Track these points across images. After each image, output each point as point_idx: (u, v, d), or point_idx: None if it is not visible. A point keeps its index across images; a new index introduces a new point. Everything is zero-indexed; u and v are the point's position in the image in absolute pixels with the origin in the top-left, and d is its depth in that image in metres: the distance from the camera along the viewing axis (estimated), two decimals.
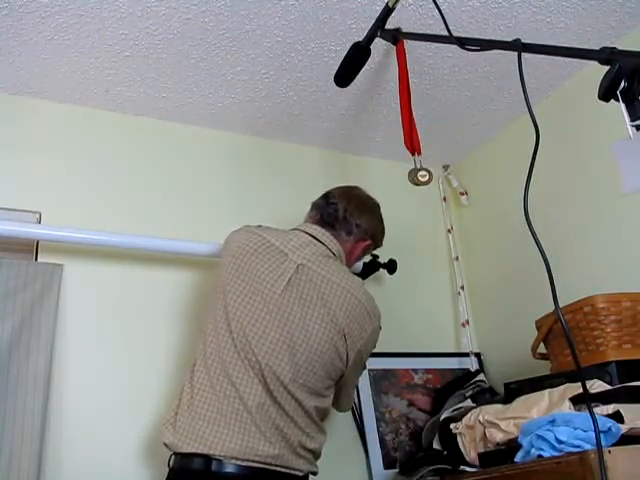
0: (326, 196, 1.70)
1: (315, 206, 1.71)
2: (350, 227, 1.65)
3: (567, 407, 1.39)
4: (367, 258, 2.00)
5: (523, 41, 1.12)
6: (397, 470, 1.93)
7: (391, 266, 2.11)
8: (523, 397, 1.53)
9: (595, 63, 0.97)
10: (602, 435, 1.23)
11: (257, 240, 1.56)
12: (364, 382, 2.04)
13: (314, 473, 1.52)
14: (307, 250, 1.56)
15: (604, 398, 1.38)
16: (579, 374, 1.20)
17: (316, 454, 1.51)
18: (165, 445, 1.46)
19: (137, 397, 1.76)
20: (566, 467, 1.26)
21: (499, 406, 1.58)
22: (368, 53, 1.67)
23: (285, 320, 1.45)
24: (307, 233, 1.61)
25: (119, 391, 1.75)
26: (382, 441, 1.99)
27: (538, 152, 1.06)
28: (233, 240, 1.61)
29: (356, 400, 1.98)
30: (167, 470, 1.46)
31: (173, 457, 1.45)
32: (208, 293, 1.95)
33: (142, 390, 1.78)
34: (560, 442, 1.30)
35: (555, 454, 1.30)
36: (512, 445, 1.46)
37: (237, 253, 1.55)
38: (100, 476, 1.65)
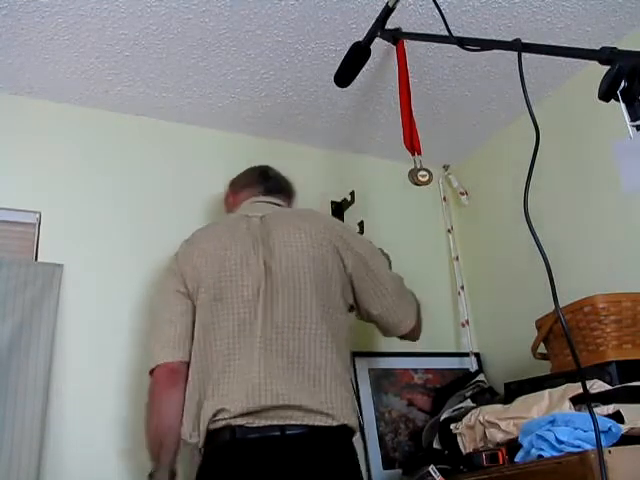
0: (265, 172, 1.82)
1: (256, 182, 1.79)
2: (290, 192, 1.83)
3: (567, 407, 1.39)
4: None
5: (523, 41, 1.12)
6: (398, 470, 1.93)
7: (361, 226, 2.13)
8: (523, 397, 1.53)
9: (595, 63, 0.97)
10: (602, 435, 1.23)
11: (214, 240, 1.58)
12: (364, 382, 2.04)
13: (347, 426, 1.41)
14: (264, 207, 1.67)
15: (604, 398, 1.38)
16: (579, 374, 1.19)
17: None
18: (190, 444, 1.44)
19: (137, 397, 1.76)
20: (566, 467, 1.26)
21: (499, 406, 1.58)
22: (368, 53, 1.67)
23: (265, 261, 1.50)
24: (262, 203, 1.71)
25: (119, 391, 1.76)
26: (381, 441, 1.99)
27: (538, 152, 1.06)
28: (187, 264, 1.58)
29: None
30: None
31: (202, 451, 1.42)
32: None
33: (142, 390, 1.77)
34: (560, 442, 1.30)
35: (555, 454, 1.30)
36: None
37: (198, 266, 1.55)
38: (100, 477, 1.65)
